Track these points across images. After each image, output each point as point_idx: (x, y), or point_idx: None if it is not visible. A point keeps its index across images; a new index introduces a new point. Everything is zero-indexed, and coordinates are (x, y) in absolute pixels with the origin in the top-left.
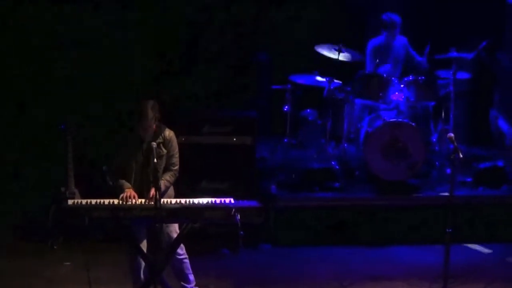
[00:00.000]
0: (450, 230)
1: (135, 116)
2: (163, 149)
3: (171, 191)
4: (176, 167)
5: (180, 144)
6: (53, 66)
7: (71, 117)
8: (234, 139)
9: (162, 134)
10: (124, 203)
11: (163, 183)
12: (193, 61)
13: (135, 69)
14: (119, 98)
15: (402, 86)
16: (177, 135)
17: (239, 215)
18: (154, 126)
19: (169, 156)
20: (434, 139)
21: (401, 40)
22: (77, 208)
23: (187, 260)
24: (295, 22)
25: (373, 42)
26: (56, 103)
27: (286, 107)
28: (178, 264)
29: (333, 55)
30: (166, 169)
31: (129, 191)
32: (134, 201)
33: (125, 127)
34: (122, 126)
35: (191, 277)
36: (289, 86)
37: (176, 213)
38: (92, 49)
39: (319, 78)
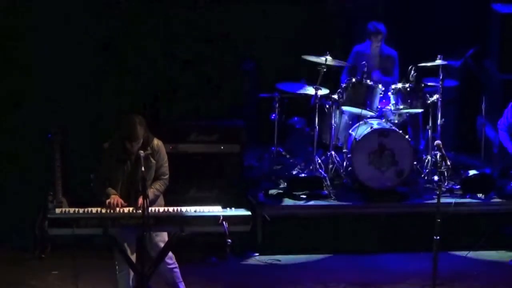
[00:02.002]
0: (438, 238)
1: (123, 131)
2: (152, 160)
3: (161, 200)
4: (166, 176)
5: (167, 153)
6: (39, 72)
7: (58, 126)
8: (222, 148)
9: (151, 145)
10: (111, 210)
11: (152, 192)
12: (179, 69)
13: (121, 76)
14: (107, 105)
15: (389, 93)
16: (164, 144)
17: (226, 223)
18: (140, 144)
19: (159, 166)
20: (422, 147)
21: (389, 51)
22: (64, 217)
23: (177, 270)
24: (282, 30)
25: (357, 48)
26: (42, 110)
27: (274, 115)
28: (168, 273)
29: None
30: (156, 178)
31: (115, 198)
32: (120, 209)
33: (112, 137)
34: (110, 136)
35: (181, 285)
36: (276, 94)
37: (164, 222)
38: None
39: (307, 90)
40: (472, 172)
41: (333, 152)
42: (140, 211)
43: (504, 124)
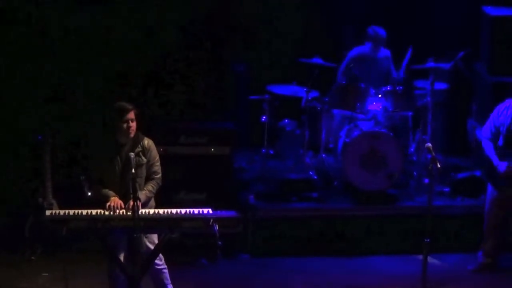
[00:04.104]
0: (428, 240)
1: (114, 120)
2: (143, 157)
3: (152, 202)
4: (159, 175)
5: (158, 155)
6: (29, 72)
7: (49, 127)
8: (212, 150)
9: (141, 143)
10: (112, 213)
11: (144, 194)
12: (171, 71)
13: (112, 78)
14: (97, 106)
15: (380, 96)
16: (155, 146)
17: (217, 226)
18: (134, 130)
19: (150, 165)
20: (412, 149)
21: (384, 53)
22: (55, 218)
23: (166, 270)
24: (272, 32)
25: (354, 51)
26: (31, 112)
27: (264, 117)
28: (157, 275)
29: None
30: (148, 178)
31: (115, 200)
32: (122, 211)
33: (103, 137)
34: (101, 135)
35: (170, 287)
36: (266, 96)
37: (154, 224)
38: (67, 55)
39: (298, 92)
40: (462, 175)
41: (323, 155)
42: (131, 212)
43: (489, 131)
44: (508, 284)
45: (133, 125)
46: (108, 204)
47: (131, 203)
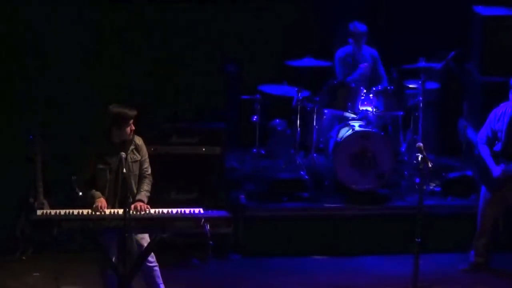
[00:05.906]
0: (419, 240)
1: (112, 124)
2: (137, 154)
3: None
4: (149, 172)
5: (149, 155)
6: (20, 73)
7: (40, 127)
8: (203, 150)
9: (134, 141)
10: (98, 213)
11: (144, 194)
12: (161, 71)
13: (104, 79)
14: (89, 106)
15: (371, 96)
16: (146, 146)
17: (208, 225)
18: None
19: (142, 161)
20: (403, 149)
21: (369, 51)
22: (46, 218)
23: (157, 268)
24: (264, 31)
25: (340, 52)
26: (23, 112)
27: (255, 117)
28: (149, 272)
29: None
30: (141, 175)
31: (101, 201)
32: (114, 210)
33: (95, 137)
34: (93, 135)
35: (162, 286)
36: (258, 96)
37: (146, 223)
38: (56, 55)
39: (289, 92)
40: (453, 174)
41: (314, 154)
42: (133, 212)
43: (485, 136)
44: (499, 284)
45: (129, 132)
46: (95, 205)
47: (138, 205)
